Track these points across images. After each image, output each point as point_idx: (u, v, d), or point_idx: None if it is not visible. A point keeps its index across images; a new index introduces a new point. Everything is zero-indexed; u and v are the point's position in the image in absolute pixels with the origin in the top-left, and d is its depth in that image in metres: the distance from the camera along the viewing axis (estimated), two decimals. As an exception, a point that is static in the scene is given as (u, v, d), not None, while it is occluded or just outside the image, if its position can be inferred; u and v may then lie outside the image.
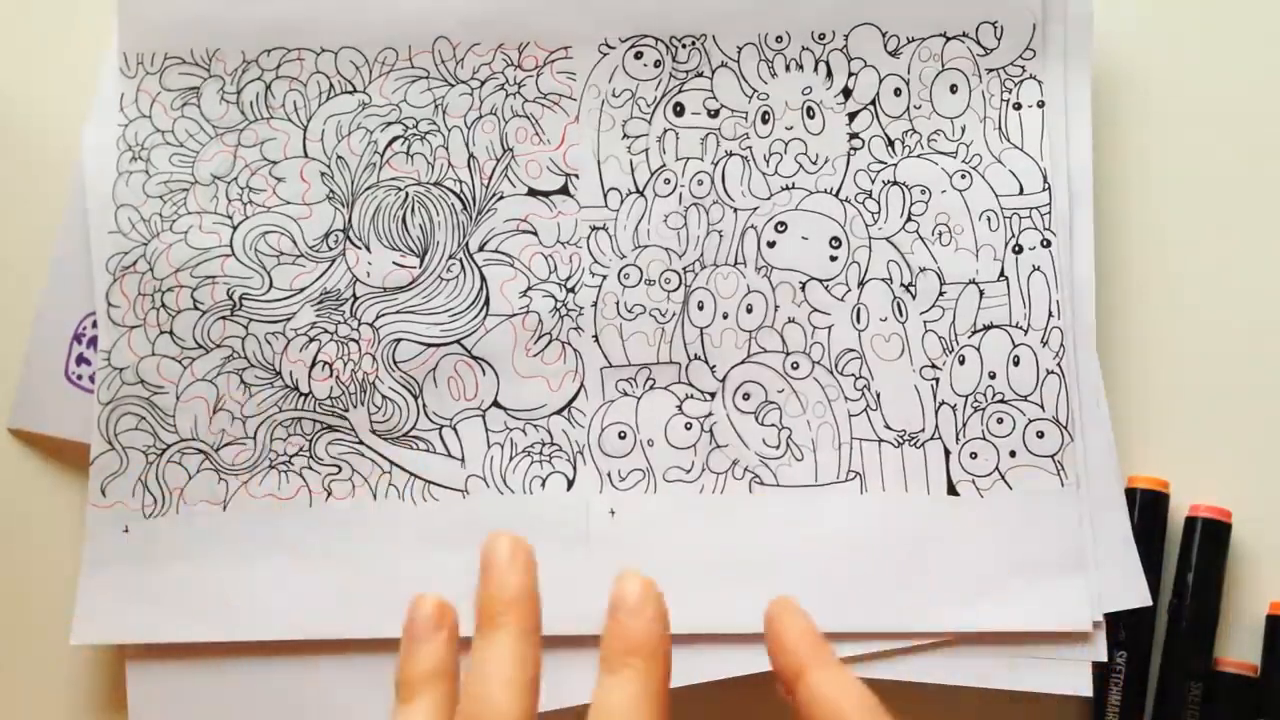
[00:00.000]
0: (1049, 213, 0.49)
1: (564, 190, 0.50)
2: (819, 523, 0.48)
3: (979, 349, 0.49)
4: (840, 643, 0.47)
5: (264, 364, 0.50)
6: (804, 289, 0.49)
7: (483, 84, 0.50)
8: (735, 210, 0.50)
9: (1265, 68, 0.52)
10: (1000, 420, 0.48)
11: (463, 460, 0.49)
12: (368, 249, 0.50)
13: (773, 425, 0.49)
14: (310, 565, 0.48)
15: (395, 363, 0.50)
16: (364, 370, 0.50)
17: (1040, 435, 0.48)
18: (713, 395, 0.49)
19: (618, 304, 0.50)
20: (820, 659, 0.36)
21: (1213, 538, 0.49)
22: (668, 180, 0.50)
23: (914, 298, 0.49)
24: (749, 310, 0.49)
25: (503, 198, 0.50)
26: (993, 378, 0.49)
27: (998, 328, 0.49)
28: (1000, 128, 0.50)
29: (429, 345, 0.50)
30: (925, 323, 0.49)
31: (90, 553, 0.49)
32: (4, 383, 0.52)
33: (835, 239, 0.50)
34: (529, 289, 0.50)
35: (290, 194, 0.50)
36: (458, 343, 0.50)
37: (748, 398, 0.49)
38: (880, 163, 0.50)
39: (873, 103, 0.50)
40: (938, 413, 0.49)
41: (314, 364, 0.50)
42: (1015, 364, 0.49)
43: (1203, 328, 0.51)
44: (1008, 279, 0.49)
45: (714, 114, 0.50)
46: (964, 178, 0.49)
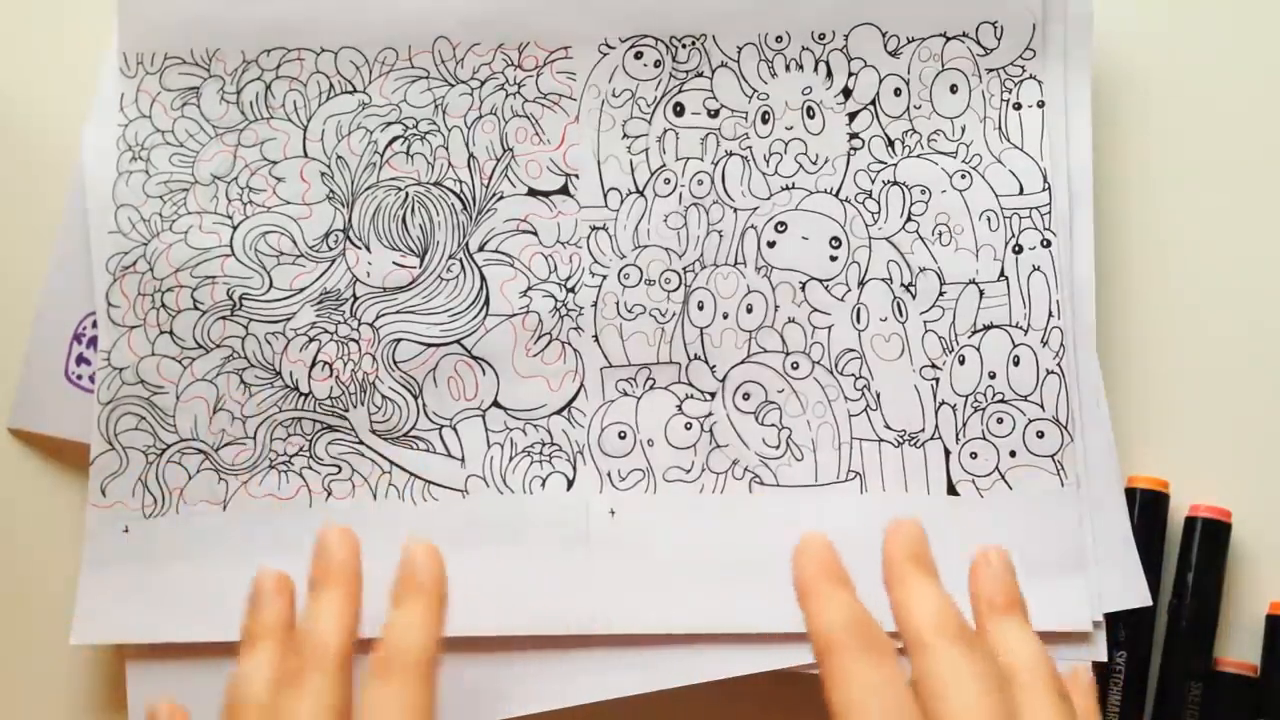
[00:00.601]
0: (1049, 213, 0.49)
1: (564, 190, 0.50)
2: (819, 523, 0.48)
3: (979, 349, 0.49)
4: (840, 643, 0.47)
5: (264, 364, 0.50)
6: (804, 289, 0.49)
7: (483, 84, 0.50)
8: (735, 210, 0.50)
9: (1266, 68, 0.52)
10: (1000, 420, 0.48)
11: (463, 460, 0.49)
12: (368, 249, 0.50)
13: (773, 425, 0.49)
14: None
15: (395, 363, 0.50)
16: (364, 370, 0.50)
17: (1040, 435, 0.48)
18: (713, 395, 0.49)
19: (618, 304, 0.50)
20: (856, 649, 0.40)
21: (1213, 538, 0.49)
22: (668, 180, 0.50)
23: (914, 298, 0.49)
24: (749, 310, 0.49)
25: (503, 198, 0.50)
26: (993, 378, 0.49)
27: (998, 328, 0.49)
28: (1000, 128, 0.50)
29: (429, 345, 0.50)
30: (925, 323, 0.49)
31: (90, 553, 0.49)
32: (4, 383, 0.52)
33: (835, 239, 0.50)
34: (529, 289, 0.50)
35: (290, 194, 0.50)
36: (458, 343, 0.50)
37: (748, 398, 0.49)
38: (880, 163, 0.50)
39: (873, 103, 0.50)
40: (938, 413, 0.49)
41: (314, 364, 0.50)
42: (1015, 364, 0.49)
43: (1203, 327, 0.51)
44: (1008, 279, 0.49)
45: (714, 114, 0.50)
46: (964, 178, 0.49)
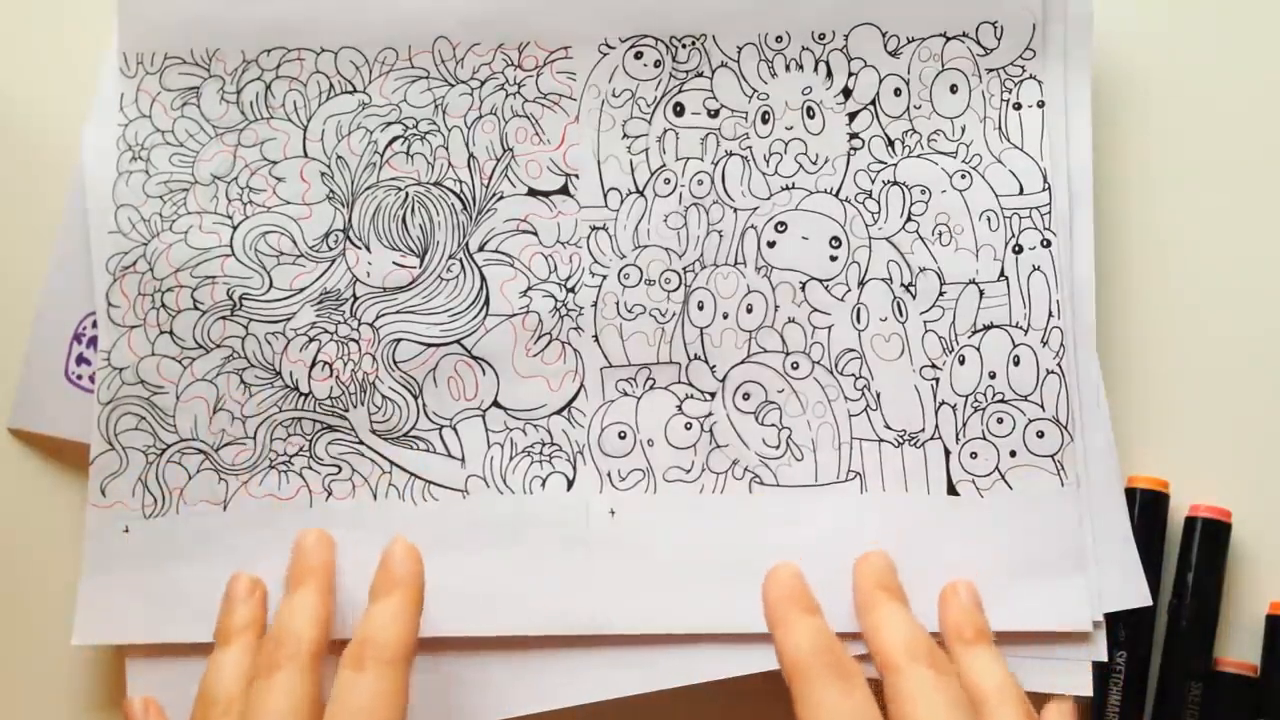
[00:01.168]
0: (1049, 213, 0.49)
1: (564, 190, 0.50)
2: (819, 523, 0.48)
3: (979, 349, 0.49)
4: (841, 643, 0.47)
5: (264, 364, 0.50)
6: (804, 289, 0.49)
7: (483, 84, 0.50)
8: (735, 210, 0.50)
9: (1266, 67, 0.52)
10: (1000, 420, 0.48)
11: (463, 460, 0.49)
12: (368, 249, 0.50)
13: (773, 425, 0.49)
14: (310, 565, 0.48)
15: (395, 363, 0.50)
16: (364, 370, 0.50)
17: (1040, 435, 0.48)
18: (713, 395, 0.49)
19: (618, 304, 0.50)
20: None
21: (1213, 538, 0.49)
22: (668, 180, 0.50)
23: (914, 298, 0.49)
24: (749, 310, 0.49)
25: (503, 198, 0.50)
26: (993, 378, 0.49)
27: (998, 328, 0.49)
28: (1000, 128, 0.50)
29: (429, 345, 0.50)
30: (925, 323, 0.49)
31: (90, 553, 0.49)
32: (4, 383, 0.52)
33: (835, 239, 0.50)
34: (529, 289, 0.50)
35: (290, 194, 0.50)
36: (458, 343, 0.50)
37: (748, 398, 0.49)
38: (880, 163, 0.50)
39: (873, 103, 0.50)
40: (938, 413, 0.49)
41: (314, 364, 0.50)
42: (1015, 364, 0.49)
43: (1203, 328, 0.51)
44: (1008, 279, 0.49)
45: (714, 114, 0.50)
46: (964, 178, 0.49)
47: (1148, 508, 0.49)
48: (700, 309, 0.50)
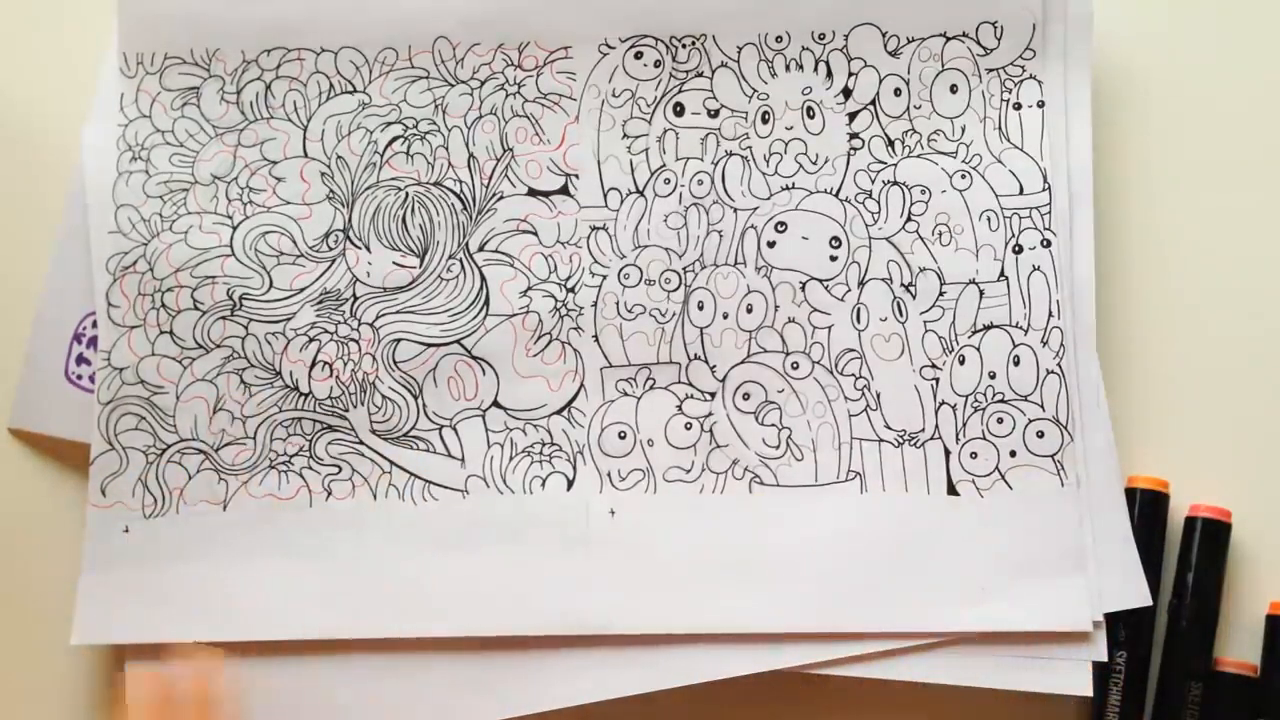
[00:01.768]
0: (1049, 213, 0.49)
1: (564, 190, 0.50)
2: (819, 523, 0.48)
3: (979, 349, 0.49)
4: (840, 643, 0.47)
5: (264, 364, 0.50)
6: (804, 289, 0.49)
7: (483, 84, 0.50)
8: (735, 210, 0.50)
9: (1265, 67, 0.52)
10: (1000, 420, 0.48)
11: (463, 460, 0.49)
12: (368, 249, 0.50)
13: (773, 425, 0.49)
14: (310, 565, 0.48)
15: (395, 363, 0.50)
16: (364, 370, 0.50)
17: (1040, 435, 0.48)
18: (713, 395, 0.49)
19: (618, 304, 0.50)
20: None
21: (1213, 538, 0.49)
22: (668, 180, 0.50)
23: (914, 298, 0.49)
24: (749, 310, 0.49)
25: (503, 198, 0.50)
26: (993, 378, 0.49)
27: (998, 328, 0.49)
28: (1000, 128, 0.50)
29: (429, 345, 0.50)
30: (925, 323, 0.49)
31: (90, 553, 0.49)
32: (4, 383, 0.52)
33: (835, 239, 0.50)
34: (529, 289, 0.50)
35: (290, 194, 0.50)
36: (458, 343, 0.50)
37: (748, 398, 0.49)
38: (880, 163, 0.50)
39: (873, 103, 0.50)
40: (938, 413, 0.49)
41: (314, 364, 0.50)
42: (1015, 364, 0.49)
43: (1203, 327, 0.51)
44: (1008, 279, 0.49)
45: (714, 114, 0.50)
46: (964, 178, 0.49)
47: (1148, 508, 0.49)
48: (700, 309, 0.50)
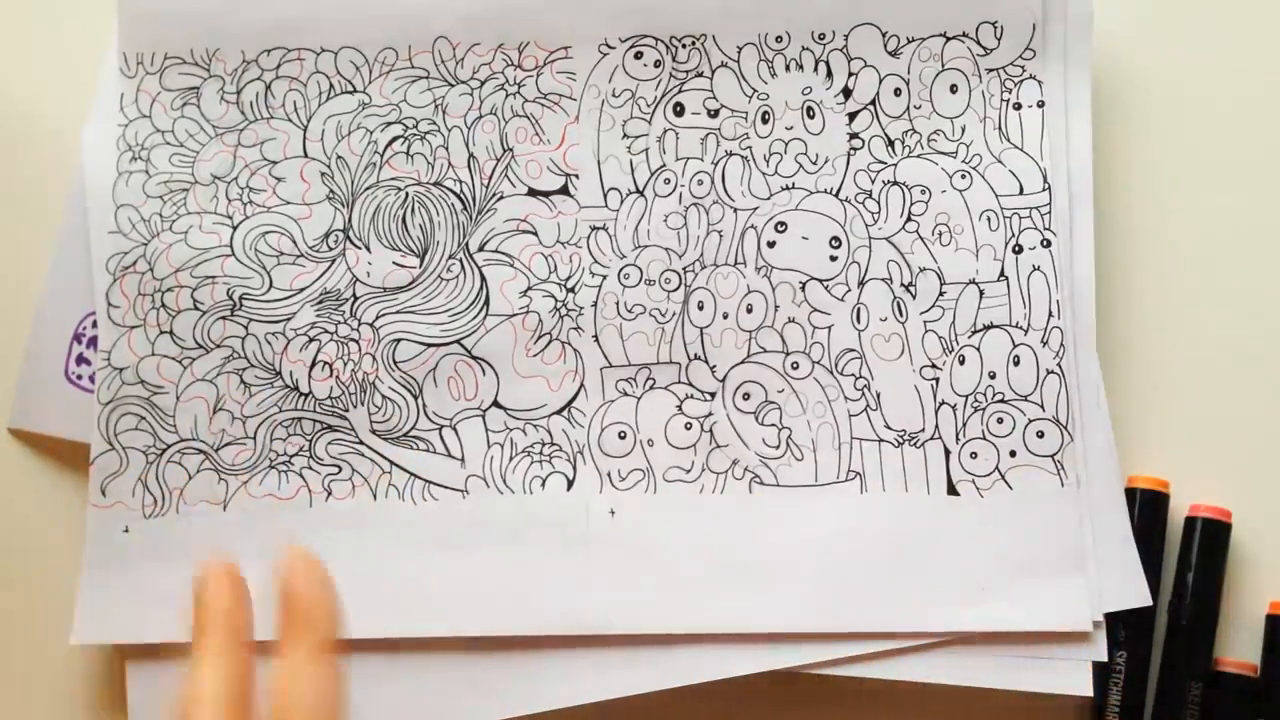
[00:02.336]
0: (1049, 213, 0.49)
1: (564, 190, 0.50)
2: (819, 523, 0.48)
3: (979, 349, 0.49)
4: (840, 643, 0.47)
5: (264, 364, 0.50)
6: (804, 289, 0.49)
7: (483, 84, 0.50)
8: (735, 210, 0.50)
9: (1265, 67, 0.52)
10: (1000, 420, 0.48)
11: (463, 460, 0.49)
12: (368, 249, 0.50)
13: (773, 425, 0.49)
14: (310, 565, 0.48)
15: (395, 363, 0.50)
16: (364, 370, 0.50)
17: (1040, 435, 0.48)
18: (713, 395, 0.49)
19: (618, 304, 0.50)
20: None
21: (1213, 538, 0.49)
22: (668, 180, 0.50)
23: (914, 298, 0.49)
24: (749, 310, 0.49)
25: (503, 198, 0.50)
26: (993, 378, 0.49)
27: (998, 328, 0.49)
28: (1000, 128, 0.50)
29: (429, 345, 0.50)
30: (925, 323, 0.49)
31: (90, 553, 0.49)
32: (4, 383, 0.52)
33: (835, 239, 0.50)
34: (529, 289, 0.50)
35: (290, 194, 0.50)
36: (458, 343, 0.50)
37: (748, 398, 0.49)
38: (880, 163, 0.50)
39: (873, 103, 0.50)
40: (938, 413, 0.49)
41: (314, 364, 0.50)
42: (1015, 364, 0.49)
43: (1203, 328, 0.51)
44: (1008, 279, 0.49)
45: (714, 114, 0.50)
46: (964, 178, 0.49)
47: (1148, 508, 0.49)
48: (700, 309, 0.50)
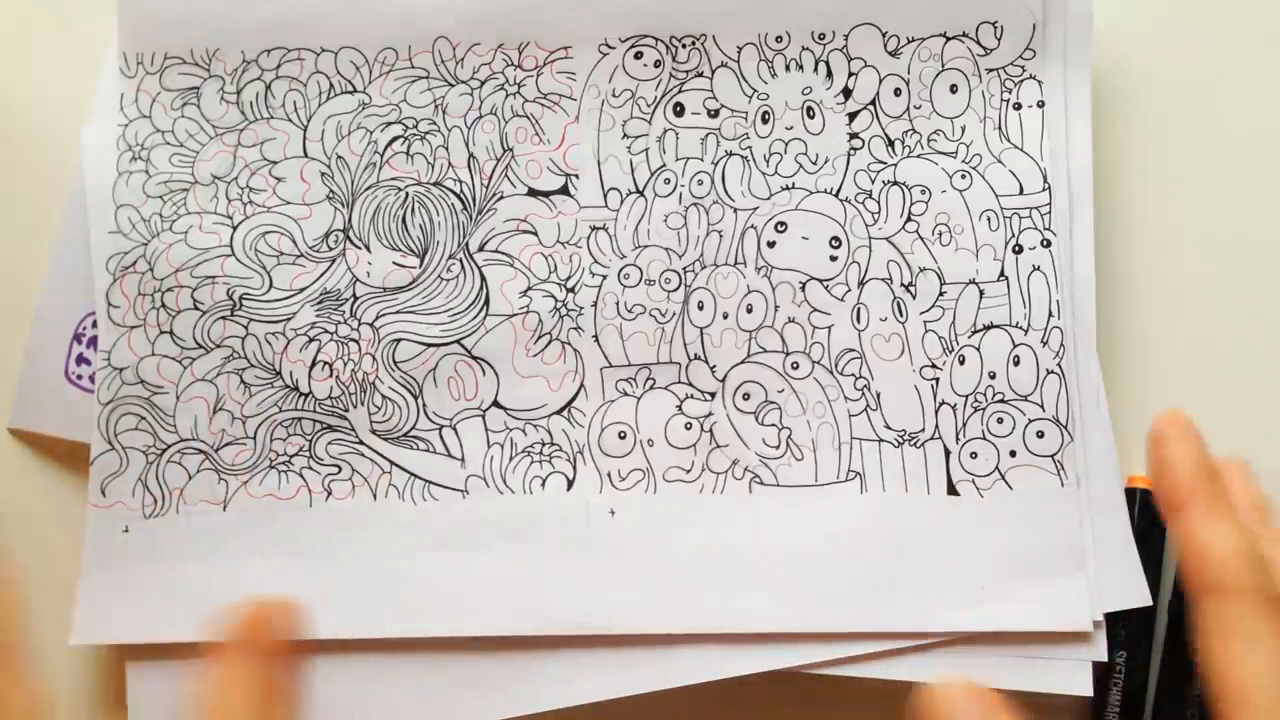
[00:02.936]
0: (1049, 213, 0.49)
1: (564, 190, 0.50)
2: (819, 523, 0.48)
3: (979, 349, 0.49)
4: (840, 643, 0.47)
5: (264, 364, 0.50)
6: (804, 289, 0.49)
7: (483, 84, 0.50)
8: (735, 210, 0.50)
9: (1266, 67, 0.52)
10: (1000, 420, 0.48)
11: (463, 460, 0.49)
12: (368, 249, 0.50)
13: (773, 425, 0.49)
14: (310, 565, 0.48)
15: (395, 363, 0.50)
16: (364, 370, 0.50)
17: (1040, 435, 0.48)
18: (713, 395, 0.49)
19: (618, 304, 0.50)
20: (1202, 503, 0.38)
21: (1213, 538, 0.49)
22: (668, 180, 0.50)
23: (914, 298, 0.49)
24: (749, 310, 0.49)
25: (503, 198, 0.50)
26: (993, 378, 0.49)
27: (998, 328, 0.49)
28: (1000, 128, 0.50)
29: (429, 345, 0.50)
30: (925, 323, 0.49)
31: (90, 553, 0.49)
32: (4, 383, 0.52)
33: (835, 239, 0.50)
34: (529, 289, 0.50)
35: (290, 194, 0.50)
36: (458, 343, 0.50)
37: (748, 398, 0.49)
38: (880, 163, 0.50)
39: (873, 103, 0.50)
40: (938, 413, 0.49)
41: (314, 364, 0.50)
42: (1015, 364, 0.49)
43: (1203, 327, 0.51)
44: (1008, 279, 0.49)
45: (714, 114, 0.50)
46: (964, 178, 0.49)
47: (1148, 508, 0.49)
48: (700, 309, 0.50)
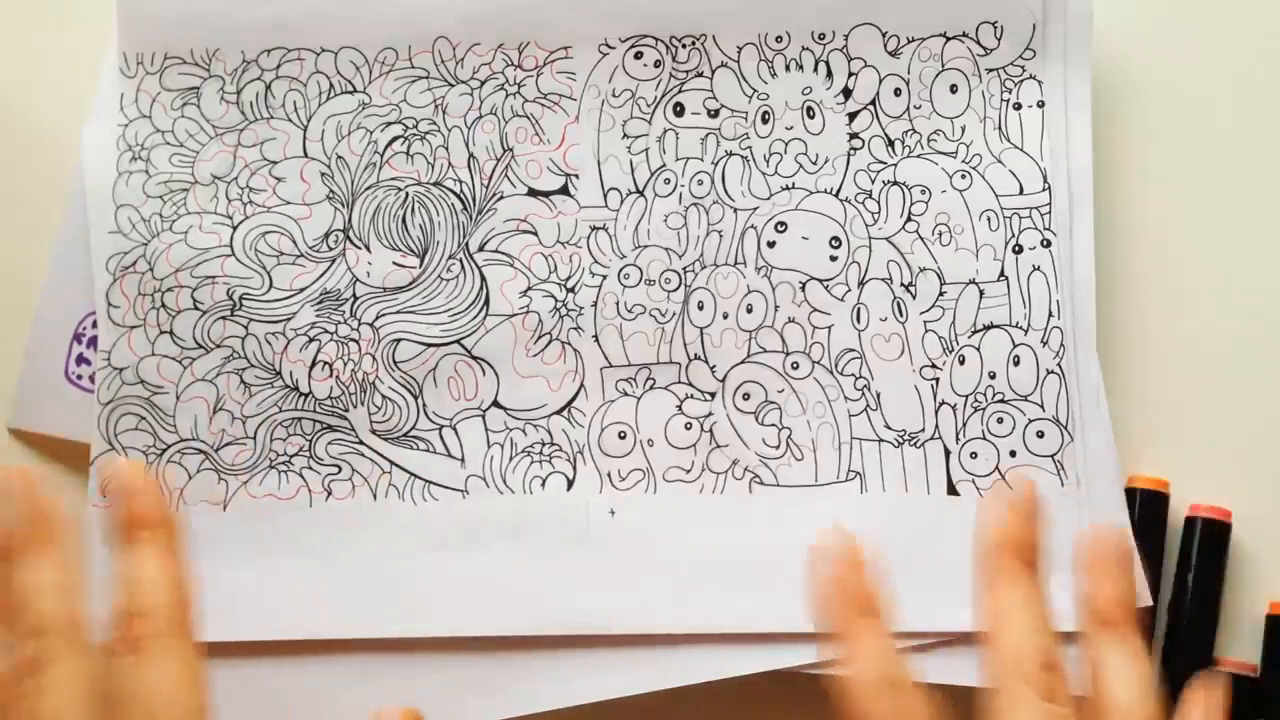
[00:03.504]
0: (1049, 213, 0.49)
1: (564, 190, 0.50)
2: (819, 523, 0.48)
3: (979, 349, 0.49)
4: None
5: (264, 364, 0.50)
6: (804, 289, 0.49)
7: (483, 84, 0.50)
8: (735, 210, 0.50)
9: (1265, 67, 0.52)
10: (1000, 420, 0.48)
11: (463, 460, 0.49)
12: (368, 249, 0.50)
13: (773, 425, 0.49)
14: (310, 565, 0.48)
15: (395, 363, 0.50)
16: (364, 370, 0.50)
17: (1040, 435, 0.48)
18: (713, 395, 0.49)
19: (618, 304, 0.50)
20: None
21: (1213, 538, 0.49)
22: (668, 180, 0.50)
23: (914, 298, 0.49)
24: (749, 310, 0.49)
25: (503, 198, 0.50)
26: (993, 378, 0.49)
27: (998, 328, 0.49)
28: (1000, 128, 0.50)
29: (429, 345, 0.50)
30: (925, 323, 0.49)
31: (90, 553, 0.49)
32: (4, 383, 0.52)
33: (835, 239, 0.50)
34: (529, 289, 0.50)
35: (290, 194, 0.50)
36: (458, 343, 0.50)
37: (748, 398, 0.49)
38: (880, 163, 0.50)
39: (873, 103, 0.50)
40: (938, 413, 0.49)
41: (314, 364, 0.50)
42: (1015, 364, 0.49)
43: (1203, 327, 0.51)
44: (1008, 279, 0.49)
45: (714, 114, 0.50)
46: (964, 178, 0.49)
47: (1148, 508, 0.49)
48: (700, 309, 0.50)
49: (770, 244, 0.50)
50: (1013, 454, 0.48)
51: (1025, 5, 0.49)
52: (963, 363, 0.49)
